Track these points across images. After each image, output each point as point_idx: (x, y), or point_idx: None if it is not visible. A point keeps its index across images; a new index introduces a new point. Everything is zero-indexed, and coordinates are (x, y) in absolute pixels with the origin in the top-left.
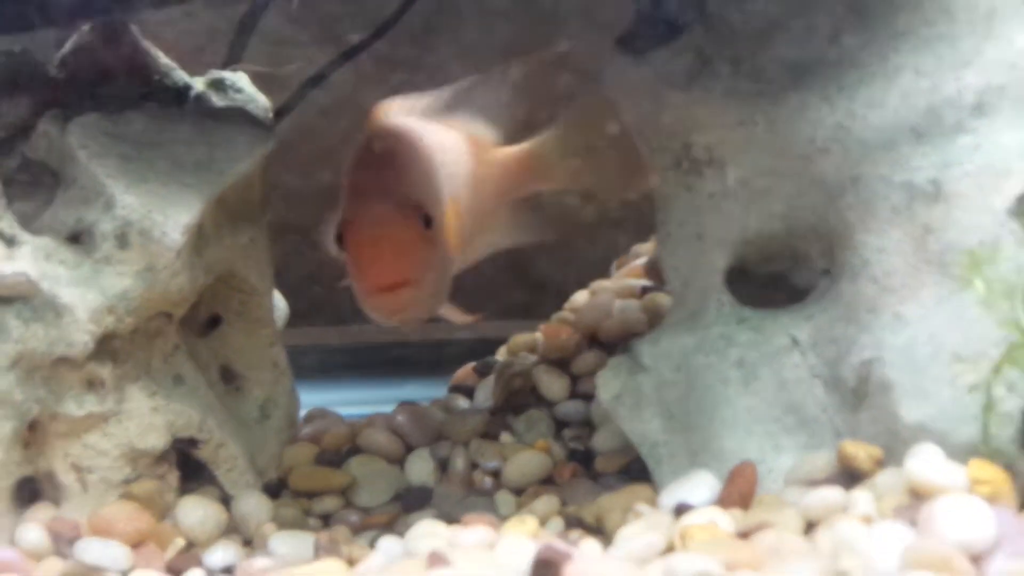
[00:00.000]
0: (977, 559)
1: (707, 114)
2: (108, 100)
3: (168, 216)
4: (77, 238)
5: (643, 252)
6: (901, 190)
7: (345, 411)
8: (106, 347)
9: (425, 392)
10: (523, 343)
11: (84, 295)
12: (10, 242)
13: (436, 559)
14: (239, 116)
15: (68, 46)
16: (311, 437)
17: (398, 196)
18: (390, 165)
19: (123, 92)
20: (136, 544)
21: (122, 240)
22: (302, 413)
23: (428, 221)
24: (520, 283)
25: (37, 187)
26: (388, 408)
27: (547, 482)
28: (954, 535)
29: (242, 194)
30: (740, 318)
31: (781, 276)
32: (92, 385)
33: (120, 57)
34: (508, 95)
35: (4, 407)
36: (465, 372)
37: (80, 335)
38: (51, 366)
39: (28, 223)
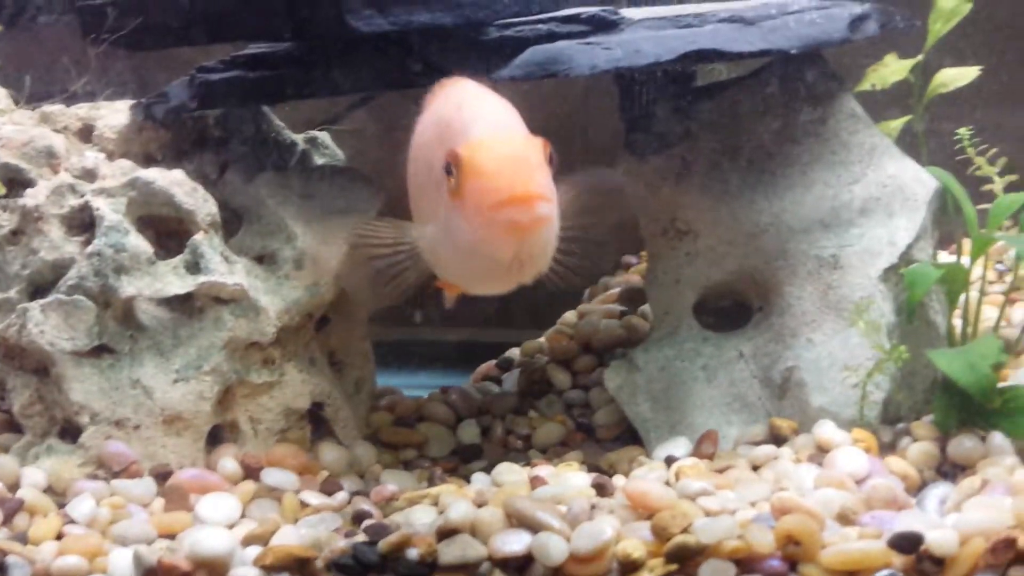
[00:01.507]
0: (858, 481)
1: (687, 201)
2: (253, 155)
3: (330, 248)
4: (261, 259)
5: (613, 284)
6: (813, 260)
7: None
8: (278, 336)
9: (431, 380)
10: (533, 347)
11: (273, 300)
12: (228, 261)
13: (537, 480)
14: (355, 174)
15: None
16: (386, 407)
17: (522, 129)
18: (500, 105)
19: (258, 149)
20: (299, 473)
21: (298, 263)
22: None
23: (551, 159)
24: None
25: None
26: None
27: (563, 445)
28: (845, 468)
29: None
30: (704, 337)
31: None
32: (267, 362)
33: (253, 121)
34: None
35: (215, 375)
36: (488, 367)
37: (269, 328)
38: (245, 348)
39: None
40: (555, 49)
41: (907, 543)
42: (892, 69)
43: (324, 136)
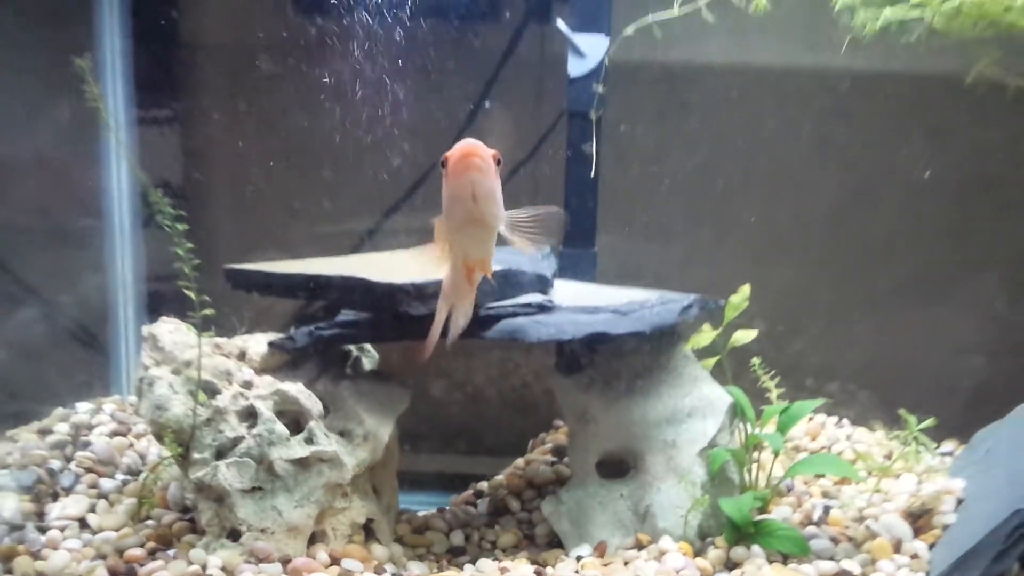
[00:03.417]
0: (678, 571)
1: (592, 403)
2: (334, 366)
3: (384, 430)
4: (343, 434)
5: (548, 440)
6: (662, 441)
7: None
8: (350, 480)
9: (428, 498)
10: (496, 484)
11: (349, 460)
12: (327, 436)
13: (504, 570)
14: (392, 378)
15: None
16: (405, 520)
17: (483, 146)
18: (477, 144)
19: (335, 360)
20: (362, 562)
21: (365, 438)
22: None
23: (498, 162)
24: (469, 438)
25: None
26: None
27: (515, 547)
28: (672, 565)
29: None
30: (601, 484)
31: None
32: (344, 495)
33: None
34: None
35: (316, 504)
36: (467, 495)
37: (347, 476)
38: (333, 487)
39: None
40: (517, 323)
41: None
42: (704, 336)
43: (368, 345)
